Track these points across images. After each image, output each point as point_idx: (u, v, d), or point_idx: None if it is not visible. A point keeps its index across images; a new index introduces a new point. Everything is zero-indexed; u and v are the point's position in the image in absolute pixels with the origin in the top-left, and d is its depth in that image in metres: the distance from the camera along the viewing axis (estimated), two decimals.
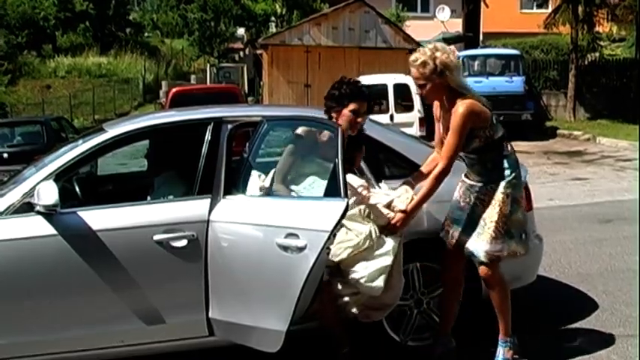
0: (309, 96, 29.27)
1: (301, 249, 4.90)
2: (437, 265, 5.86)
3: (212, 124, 5.76)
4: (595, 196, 14.24)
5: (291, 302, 4.89)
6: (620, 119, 28.18)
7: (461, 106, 5.28)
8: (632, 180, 17.18)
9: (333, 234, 4.93)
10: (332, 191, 4.99)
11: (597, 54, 32.50)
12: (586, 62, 31.37)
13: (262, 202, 5.40)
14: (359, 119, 5.59)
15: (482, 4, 42.40)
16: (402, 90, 22.65)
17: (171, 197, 5.93)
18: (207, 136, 5.70)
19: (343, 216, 4.85)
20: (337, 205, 4.87)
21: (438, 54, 5.32)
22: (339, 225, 4.92)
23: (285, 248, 4.97)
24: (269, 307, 5.11)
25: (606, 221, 11.07)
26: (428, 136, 19.69)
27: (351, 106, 5.56)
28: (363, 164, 5.84)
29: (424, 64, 5.33)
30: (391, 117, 21.96)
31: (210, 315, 5.41)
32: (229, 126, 5.76)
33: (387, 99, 22.74)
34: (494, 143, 5.44)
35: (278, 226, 5.06)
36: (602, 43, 32.95)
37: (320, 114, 5.90)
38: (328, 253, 5.21)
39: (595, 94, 30.05)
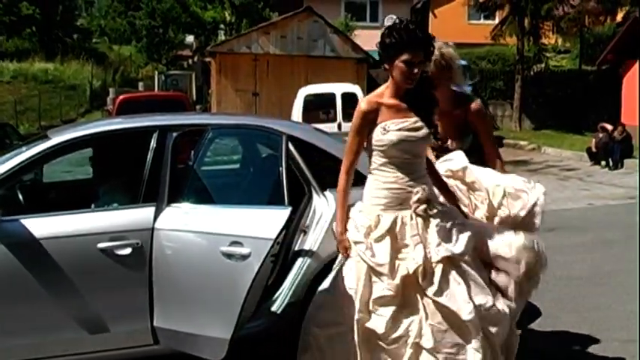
0: (257, 104, 29.27)
1: (245, 257, 4.91)
2: None
3: (157, 132, 5.75)
4: None
5: (235, 310, 4.90)
6: (564, 129, 28.61)
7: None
8: (575, 189, 17.48)
9: (276, 242, 4.96)
10: (276, 199, 5.02)
11: (543, 65, 33.07)
12: (532, 73, 31.87)
13: (207, 210, 5.40)
14: (415, 70, 4.74)
15: (430, 14, 42.84)
16: (349, 99, 22.75)
17: (116, 205, 5.90)
18: (153, 144, 5.69)
19: (287, 224, 4.88)
20: (281, 214, 4.90)
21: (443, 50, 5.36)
22: (281, 233, 4.95)
23: (230, 256, 4.98)
24: (213, 315, 5.11)
25: (549, 230, 11.18)
26: None
27: (404, 57, 4.70)
28: (307, 172, 5.86)
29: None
30: (339, 126, 22.04)
31: (154, 323, 5.39)
32: (174, 134, 5.75)
33: (335, 108, 22.85)
34: None
35: (222, 234, 5.08)
36: (547, 54, 33.58)
37: (266, 122, 5.92)
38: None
39: (540, 105, 30.48)
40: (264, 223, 4.95)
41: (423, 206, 4.64)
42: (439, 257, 4.57)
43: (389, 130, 4.65)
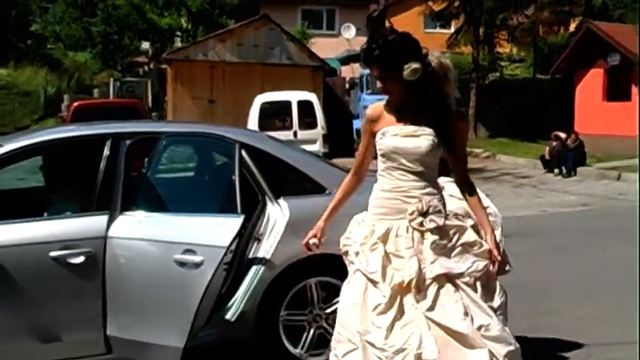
0: (213, 112, 29.14)
1: (198, 265, 4.92)
2: (336, 280, 5.90)
3: (110, 139, 5.73)
4: None
5: (189, 318, 4.89)
6: (519, 137, 28.88)
7: None
8: (529, 197, 17.67)
9: (229, 250, 4.96)
10: (229, 207, 5.03)
11: (498, 74, 33.37)
12: (487, 81, 32.15)
13: (160, 218, 5.40)
14: (379, 84, 4.64)
15: (386, 23, 43.03)
16: (305, 107, 22.85)
17: (68, 213, 5.87)
18: (106, 151, 5.67)
19: (240, 232, 4.89)
20: (233, 222, 4.92)
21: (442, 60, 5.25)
22: (235, 241, 4.96)
23: (183, 264, 4.98)
24: (167, 324, 5.11)
25: (504, 237, 11.30)
26: (331, 154, 19.90)
27: (370, 70, 4.64)
28: (261, 180, 5.87)
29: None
30: (295, 134, 22.10)
31: (107, 332, 5.37)
32: (128, 141, 5.73)
33: (291, 116, 22.90)
34: None
35: (175, 242, 5.07)
36: (502, 63, 33.90)
37: (220, 130, 5.92)
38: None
39: (495, 113, 30.73)
40: (217, 231, 4.96)
41: (419, 219, 4.45)
42: (433, 274, 4.39)
43: (387, 136, 4.53)
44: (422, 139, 4.47)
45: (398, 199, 4.51)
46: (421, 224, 4.46)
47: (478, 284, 4.53)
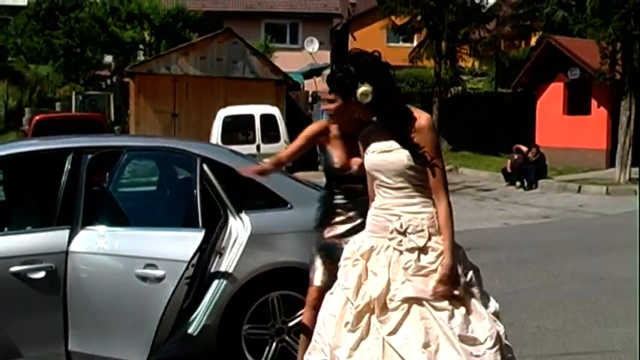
0: (176, 126, 29.05)
1: (160, 279, 4.91)
2: (298, 294, 5.92)
3: (72, 153, 5.70)
4: (456, 225, 14.61)
5: (150, 333, 4.88)
6: (481, 150, 29.09)
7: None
8: (491, 209, 17.81)
9: (191, 264, 4.96)
10: (191, 221, 5.03)
11: (460, 87, 33.58)
12: (449, 95, 32.34)
13: (122, 232, 5.39)
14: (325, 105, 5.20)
15: (350, 37, 43.24)
16: (268, 120, 22.86)
17: (29, 228, 5.83)
18: (67, 165, 5.64)
19: (201, 246, 4.89)
20: (195, 236, 4.93)
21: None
22: (196, 255, 4.96)
23: (144, 279, 4.98)
24: (128, 339, 5.10)
25: (466, 249, 11.38)
26: (293, 167, 19.88)
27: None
28: (222, 194, 5.86)
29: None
30: (258, 147, 22.08)
31: (69, 347, 5.34)
32: (89, 156, 5.71)
33: (254, 129, 22.89)
34: None
35: (137, 256, 5.07)
36: (464, 77, 34.09)
37: (182, 144, 5.92)
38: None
39: (457, 126, 30.89)
40: (178, 245, 4.96)
41: (398, 238, 4.31)
42: (401, 297, 4.21)
43: (367, 154, 4.50)
44: (394, 153, 4.39)
45: (382, 216, 4.42)
46: (400, 243, 4.33)
47: (457, 312, 4.26)
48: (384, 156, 4.41)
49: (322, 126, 5.53)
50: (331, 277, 5.22)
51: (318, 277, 5.38)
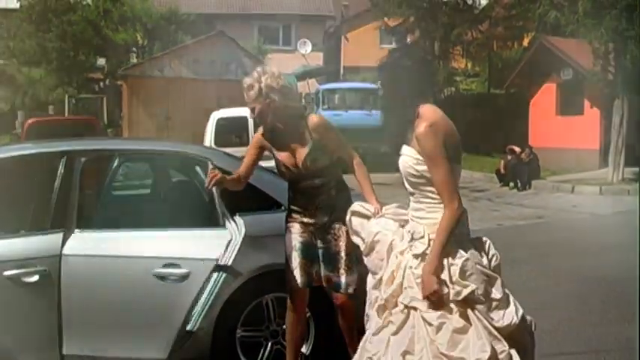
0: (169, 128, 29.02)
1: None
2: None
3: (65, 157, 5.69)
4: None
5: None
6: (474, 151, 29.06)
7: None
8: (485, 210, 17.80)
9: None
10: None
11: (453, 88, 33.58)
12: (442, 96, 32.30)
13: (115, 235, 5.39)
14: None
15: (343, 38, 43.25)
16: None
17: (23, 232, 5.82)
18: (60, 169, 5.64)
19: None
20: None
21: (263, 78, 5.39)
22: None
23: (144, 279, 4.98)
24: (125, 340, 5.10)
25: None
26: None
27: None
28: (217, 196, 5.85)
29: (250, 87, 5.40)
30: None
31: (64, 351, 5.33)
32: (83, 159, 5.70)
33: (247, 131, 22.82)
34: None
35: (131, 257, 5.08)
36: (457, 78, 34.10)
37: (176, 147, 5.92)
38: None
39: None
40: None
41: (411, 243, 4.41)
42: (401, 301, 4.29)
43: None
44: (401, 157, 4.45)
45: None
46: (411, 248, 4.36)
47: (446, 327, 4.19)
48: (399, 160, 4.46)
49: (259, 135, 5.65)
50: (309, 277, 5.31)
51: (297, 278, 5.48)
